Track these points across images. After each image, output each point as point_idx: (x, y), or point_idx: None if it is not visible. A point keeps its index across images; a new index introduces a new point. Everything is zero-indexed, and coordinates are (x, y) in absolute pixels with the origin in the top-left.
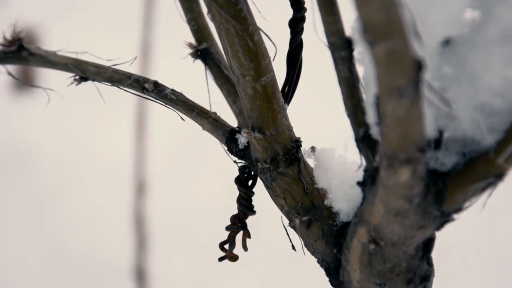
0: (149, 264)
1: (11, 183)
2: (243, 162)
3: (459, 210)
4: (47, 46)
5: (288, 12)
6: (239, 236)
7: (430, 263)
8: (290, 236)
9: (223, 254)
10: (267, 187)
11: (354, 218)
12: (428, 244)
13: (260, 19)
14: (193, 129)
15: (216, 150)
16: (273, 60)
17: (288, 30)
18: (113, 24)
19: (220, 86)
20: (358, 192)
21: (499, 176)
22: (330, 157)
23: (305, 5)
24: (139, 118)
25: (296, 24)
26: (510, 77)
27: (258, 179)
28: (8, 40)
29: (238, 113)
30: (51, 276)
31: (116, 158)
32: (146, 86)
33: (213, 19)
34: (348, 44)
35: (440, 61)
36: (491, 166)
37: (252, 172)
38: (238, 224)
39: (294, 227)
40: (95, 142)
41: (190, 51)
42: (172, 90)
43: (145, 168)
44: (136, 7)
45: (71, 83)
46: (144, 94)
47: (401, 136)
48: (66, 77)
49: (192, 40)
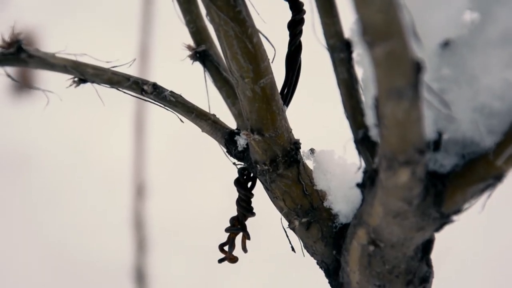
0: (148, 266)
1: (10, 185)
2: (242, 164)
3: (458, 211)
4: (46, 47)
5: (287, 14)
6: (238, 238)
7: (429, 265)
8: (289, 237)
9: (222, 256)
10: (266, 189)
11: (354, 220)
12: (427, 245)
13: (259, 21)
14: (192, 131)
15: (215, 151)
16: (272, 62)
17: (287, 32)
18: (112, 25)
19: (219, 88)
20: (357, 193)
21: (498, 177)
22: (330, 159)
23: (304, 7)
24: (138, 120)
25: (295, 26)
26: (509, 78)
27: (258, 181)
28: (7, 42)
29: (237, 115)
30: (51, 278)
31: (115, 160)
32: (145, 88)
33: (212, 21)
34: (347, 46)
35: (439, 62)
36: (490, 167)
37: (251, 174)
38: (237, 225)
39: (293, 229)
40: (94, 144)
41: (189, 53)
42: (171, 92)
43: (144, 170)
44: (135, 9)
45: (70, 85)
46: (143, 96)
47: (400, 137)
48: (65, 79)
49: (191, 42)
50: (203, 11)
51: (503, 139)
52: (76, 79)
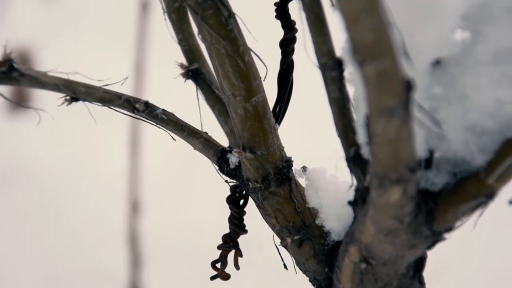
0: (143, 281)
1: (6, 199)
2: (234, 181)
3: (450, 229)
4: (41, 64)
5: (279, 33)
6: (231, 255)
7: (421, 282)
8: (282, 255)
9: (215, 273)
10: (258, 206)
11: (345, 237)
12: (419, 263)
13: (250, 40)
14: (187, 147)
15: (209, 168)
16: (264, 80)
17: (279, 51)
18: (107, 43)
19: (211, 106)
20: (349, 211)
21: (489, 196)
22: (321, 176)
23: (295, 25)
24: (133, 135)
25: (287, 44)
26: (500, 97)
27: (250, 199)
28: None
29: (230, 133)
30: None
31: (110, 176)
32: (137, 106)
33: (203, 39)
34: (338, 64)
35: (430, 81)
36: (482, 186)
37: (243, 192)
38: (230, 243)
39: (285, 246)
40: (89, 159)
41: (181, 71)
42: (163, 110)
43: (139, 186)
44: (130, 26)
45: (62, 103)
46: (135, 114)
47: (391, 156)
48: (60, 96)
49: (184, 60)
50: (195, 29)
51: (494, 158)
52: (68, 97)
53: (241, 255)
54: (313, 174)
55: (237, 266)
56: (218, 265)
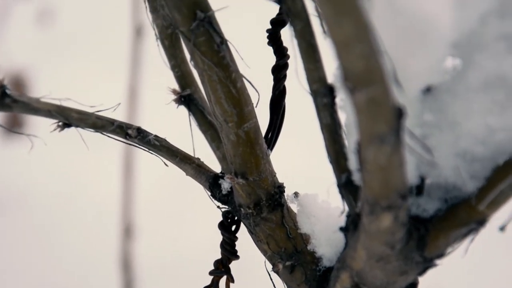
0: None
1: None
2: (226, 207)
3: (441, 255)
4: (33, 89)
5: (271, 59)
6: (222, 281)
7: None
8: (273, 280)
9: None
10: (250, 232)
11: (337, 263)
12: None
13: (243, 66)
14: (179, 172)
15: (202, 193)
16: (256, 106)
17: (271, 77)
18: (100, 67)
19: (204, 132)
20: (341, 237)
21: (480, 222)
22: (313, 202)
23: (287, 52)
24: (126, 160)
25: (279, 71)
26: (491, 124)
27: (242, 224)
28: None
29: (222, 158)
30: None
31: (103, 200)
32: (129, 132)
33: (196, 66)
34: (330, 91)
35: (421, 108)
36: (473, 212)
37: (235, 217)
38: (221, 269)
39: (277, 272)
40: (82, 185)
41: (174, 97)
42: (155, 136)
43: (132, 210)
44: (123, 51)
45: (54, 129)
46: (128, 140)
47: (382, 182)
48: (53, 121)
49: (177, 86)
50: (188, 56)
51: (485, 184)
52: (60, 123)
53: (232, 281)
54: (305, 200)
55: None
56: None
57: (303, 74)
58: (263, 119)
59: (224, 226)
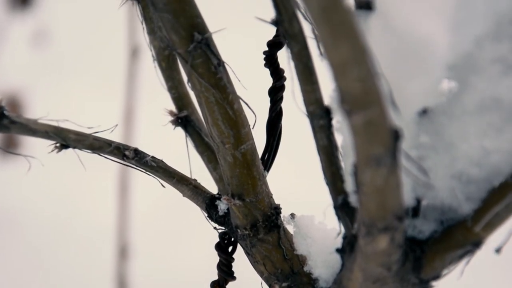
0: None
1: None
2: (223, 228)
3: (437, 277)
4: (30, 109)
5: (268, 81)
6: None
7: None
8: None
9: None
10: (247, 253)
11: (333, 285)
12: None
13: (240, 88)
14: (176, 192)
15: (198, 214)
16: (253, 128)
17: (267, 99)
18: (96, 88)
19: (200, 153)
20: (337, 258)
21: (476, 244)
22: (310, 224)
23: (284, 74)
24: (122, 180)
25: (276, 92)
26: (487, 146)
27: (238, 245)
28: None
29: (218, 179)
30: None
31: (99, 220)
32: (127, 153)
33: (193, 87)
34: (326, 112)
35: (417, 130)
36: (469, 234)
37: (232, 238)
38: None
39: None
40: (78, 205)
41: (171, 118)
42: (153, 157)
43: (128, 231)
44: (119, 72)
45: (52, 151)
46: (125, 161)
47: (379, 204)
48: (51, 142)
49: (173, 108)
50: (185, 77)
51: (481, 206)
52: (58, 144)
53: None
54: (301, 221)
55: None
56: None
57: (299, 96)
58: (260, 141)
59: (221, 247)
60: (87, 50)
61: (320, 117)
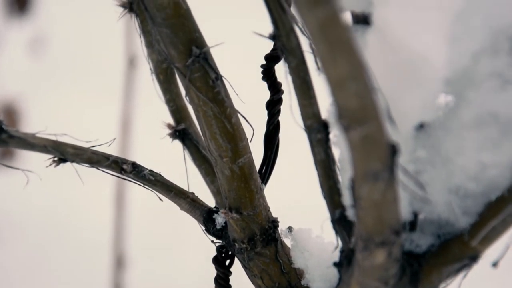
0: None
1: None
2: (220, 242)
3: None
4: (27, 119)
5: (265, 94)
6: None
7: None
8: None
9: None
10: (244, 267)
11: None
12: None
13: (237, 101)
14: (173, 203)
15: (195, 225)
16: (250, 141)
17: (265, 112)
18: (93, 97)
19: (198, 166)
20: (334, 272)
21: (473, 258)
22: (307, 237)
23: (282, 87)
24: (118, 190)
25: (273, 106)
26: (484, 161)
27: (236, 259)
28: None
29: (216, 192)
30: None
31: (95, 230)
32: (125, 167)
33: (191, 101)
34: (324, 127)
35: (414, 144)
36: (466, 248)
37: (229, 252)
38: None
39: None
40: (74, 215)
41: (168, 131)
42: (150, 170)
43: (124, 241)
44: (116, 82)
45: (50, 165)
46: (122, 175)
47: (376, 219)
48: (48, 156)
49: (171, 120)
50: (183, 90)
51: (478, 220)
52: (56, 158)
53: None
54: (298, 234)
55: None
56: None
57: (297, 110)
58: (257, 154)
59: (218, 261)
60: (85, 58)
61: (317, 131)
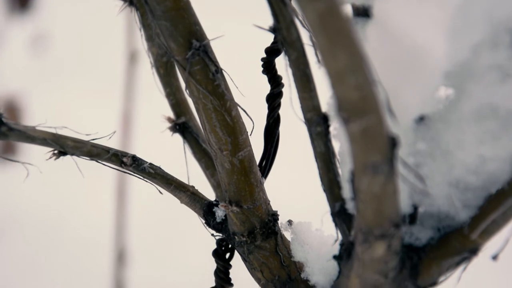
0: None
1: None
2: (220, 235)
3: (434, 284)
4: (28, 115)
5: (266, 88)
6: None
7: None
8: None
9: None
10: (244, 260)
11: None
12: None
13: (237, 94)
14: (174, 197)
15: (196, 219)
16: (250, 134)
17: (265, 105)
18: (94, 93)
19: (198, 160)
20: (334, 265)
21: (473, 251)
22: (307, 230)
23: (282, 80)
24: (119, 185)
25: (273, 99)
26: (483, 154)
27: (236, 252)
28: None
29: (216, 186)
30: None
31: (96, 226)
32: (125, 160)
33: (191, 94)
34: (324, 120)
35: (414, 137)
36: (466, 241)
37: (229, 245)
38: None
39: None
40: (75, 210)
41: (168, 125)
42: (150, 164)
43: (125, 236)
44: (117, 77)
45: (50, 158)
46: (123, 168)
47: (376, 211)
48: (48, 149)
49: (171, 114)
50: (183, 84)
51: (477, 213)
52: (56, 151)
53: None
54: (298, 228)
55: None
56: None
57: (297, 103)
58: (258, 147)
59: (218, 254)
60: (86, 55)
61: (317, 124)
